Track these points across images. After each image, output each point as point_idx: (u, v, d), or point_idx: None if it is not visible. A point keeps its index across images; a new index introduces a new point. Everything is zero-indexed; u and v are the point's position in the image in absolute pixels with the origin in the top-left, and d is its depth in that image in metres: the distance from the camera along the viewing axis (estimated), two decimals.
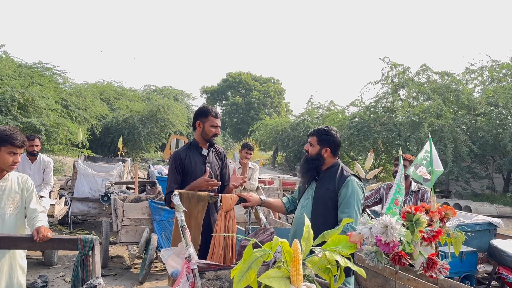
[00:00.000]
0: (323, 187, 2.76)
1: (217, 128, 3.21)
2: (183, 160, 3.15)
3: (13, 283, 2.77)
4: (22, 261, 2.90)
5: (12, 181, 2.82)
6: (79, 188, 7.50)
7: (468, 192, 15.40)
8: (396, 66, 17.59)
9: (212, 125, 3.18)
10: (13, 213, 2.79)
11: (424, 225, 1.94)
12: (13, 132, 2.71)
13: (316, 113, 23.81)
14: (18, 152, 2.73)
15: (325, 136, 2.82)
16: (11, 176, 2.83)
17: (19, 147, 2.71)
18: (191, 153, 3.20)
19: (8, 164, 2.70)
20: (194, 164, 3.16)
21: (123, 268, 5.62)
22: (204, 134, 3.20)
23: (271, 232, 2.65)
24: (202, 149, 3.24)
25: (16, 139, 2.69)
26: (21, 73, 14.93)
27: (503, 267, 4.39)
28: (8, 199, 2.77)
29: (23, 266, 2.90)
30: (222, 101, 46.34)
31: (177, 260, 2.59)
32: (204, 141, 3.23)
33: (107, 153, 20.33)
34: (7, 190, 2.78)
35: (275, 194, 7.91)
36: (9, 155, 2.69)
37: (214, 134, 3.20)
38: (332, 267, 1.71)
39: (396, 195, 2.46)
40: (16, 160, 2.72)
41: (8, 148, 2.68)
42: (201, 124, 3.20)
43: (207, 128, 3.18)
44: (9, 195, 2.78)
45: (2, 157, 2.69)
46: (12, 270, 2.77)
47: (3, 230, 2.74)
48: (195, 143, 3.26)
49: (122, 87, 25.60)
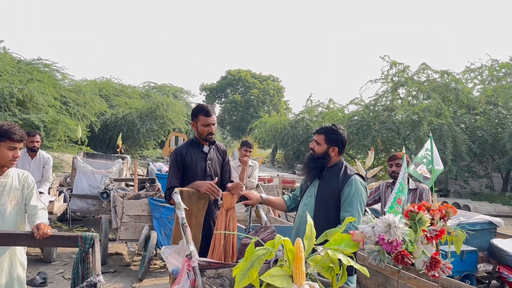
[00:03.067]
0: (326, 185, 2.74)
1: (210, 127, 3.14)
2: (184, 157, 3.15)
3: (13, 280, 2.76)
4: (22, 257, 2.89)
5: (12, 177, 2.80)
6: (78, 185, 7.49)
7: (467, 191, 15.41)
8: (396, 65, 17.58)
9: (203, 124, 3.14)
10: (13, 209, 2.78)
11: (427, 224, 1.93)
12: (11, 127, 2.70)
13: (316, 111, 23.80)
14: (18, 147, 2.71)
15: (333, 135, 2.77)
16: (11, 173, 2.81)
17: (18, 142, 2.70)
18: (192, 150, 3.20)
19: (8, 159, 2.69)
20: (194, 161, 3.16)
21: (122, 265, 5.61)
22: (199, 134, 3.19)
23: (272, 230, 2.64)
24: (203, 146, 3.23)
25: (15, 134, 2.67)
26: (20, 69, 14.88)
27: (503, 266, 4.39)
28: (9, 196, 2.76)
29: (23, 262, 2.90)
30: (221, 98, 46.33)
31: (177, 258, 2.58)
32: (202, 140, 3.23)
33: (106, 150, 20.32)
34: (7, 187, 2.76)
35: (274, 192, 7.90)
36: (9, 150, 2.68)
37: (208, 133, 3.16)
38: (335, 266, 1.70)
39: (399, 193, 2.45)
40: (16, 155, 2.71)
41: (7, 143, 2.66)
42: (195, 124, 3.20)
43: (200, 128, 3.16)
44: (9, 192, 2.76)
45: (2, 153, 2.68)
46: (12, 267, 2.77)
47: (3, 227, 2.72)
48: (196, 140, 3.26)
49: (121, 84, 25.58)
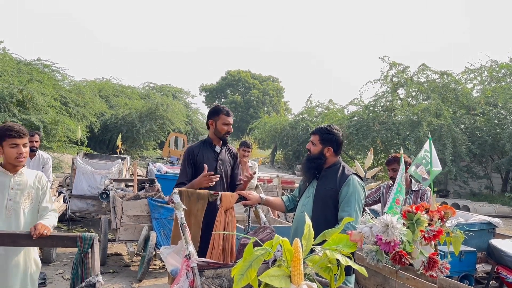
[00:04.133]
0: (324, 185, 2.75)
1: (229, 126, 3.33)
2: (195, 155, 3.27)
3: (27, 279, 2.76)
4: (36, 256, 2.89)
5: (27, 176, 2.80)
6: (78, 186, 7.49)
7: (467, 192, 15.42)
8: (396, 65, 17.60)
9: (224, 123, 3.30)
10: (28, 208, 2.78)
11: (424, 225, 1.94)
12: (8, 125, 2.68)
13: (315, 112, 23.84)
14: (20, 143, 2.67)
15: (327, 135, 2.81)
16: (25, 172, 2.81)
17: (17, 138, 2.66)
18: (204, 149, 3.32)
19: (14, 157, 2.66)
20: (206, 160, 3.25)
21: (121, 265, 5.61)
22: (217, 132, 3.32)
23: (270, 230, 2.65)
24: (215, 146, 3.35)
25: (12, 130, 2.65)
26: (19, 69, 14.87)
27: (502, 266, 4.40)
28: (23, 194, 2.75)
29: (38, 261, 2.90)
30: (221, 99, 46.33)
31: (176, 258, 2.59)
32: (218, 139, 3.35)
33: (106, 150, 20.30)
34: (22, 185, 2.76)
35: (274, 192, 7.90)
36: (12, 147, 2.65)
37: (226, 132, 3.32)
38: (333, 266, 1.70)
39: (398, 194, 2.46)
40: (19, 151, 2.67)
41: (8, 142, 2.65)
42: (213, 122, 3.32)
43: (219, 126, 3.30)
44: (24, 190, 2.76)
45: (7, 153, 2.66)
46: (26, 266, 2.76)
47: (19, 225, 2.73)
48: (209, 140, 3.37)
49: (121, 84, 25.60)
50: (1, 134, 2.66)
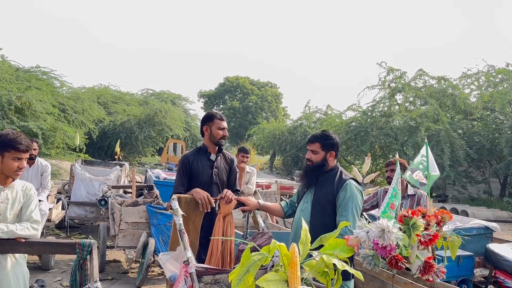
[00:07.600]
0: (322, 190, 2.77)
1: (224, 130, 3.31)
2: (191, 163, 3.25)
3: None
4: (25, 267, 2.79)
5: (17, 190, 2.68)
6: (76, 192, 7.48)
7: (465, 197, 15.44)
8: (393, 71, 17.68)
9: (218, 127, 3.29)
10: (14, 221, 2.66)
11: (420, 229, 1.96)
12: (17, 136, 2.55)
13: (314, 118, 23.87)
14: (23, 157, 2.56)
15: (328, 141, 2.83)
16: (16, 185, 2.69)
17: (23, 152, 2.54)
18: (200, 157, 3.31)
19: (13, 170, 2.55)
20: (201, 168, 3.25)
21: (120, 272, 5.60)
22: (212, 137, 3.30)
23: (269, 236, 2.66)
24: (210, 154, 3.33)
25: (20, 144, 2.52)
26: (18, 76, 14.92)
27: (500, 271, 4.41)
28: (12, 209, 2.64)
29: (26, 271, 2.80)
30: (219, 105, 46.38)
31: (175, 264, 2.60)
32: (213, 145, 3.33)
33: (104, 157, 20.29)
34: (11, 200, 2.64)
35: (272, 198, 7.91)
36: (14, 160, 2.53)
37: (222, 136, 3.30)
38: (330, 271, 1.72)
39: (392, 199, 2.48)
40: (21, 165, 2.56)
41: (12, 154, 2.52)
42: (208, 128, 3.31)
43: (214, 131, 3.29)
44: (13, 205, 2.64)
45: (7, 164, 2.53)
46: (17, 276, 2.67)
47: None
48: (204, 148, 3.35)
49: (119, 91, 25.66)
50: (7, 144, 2.52)
